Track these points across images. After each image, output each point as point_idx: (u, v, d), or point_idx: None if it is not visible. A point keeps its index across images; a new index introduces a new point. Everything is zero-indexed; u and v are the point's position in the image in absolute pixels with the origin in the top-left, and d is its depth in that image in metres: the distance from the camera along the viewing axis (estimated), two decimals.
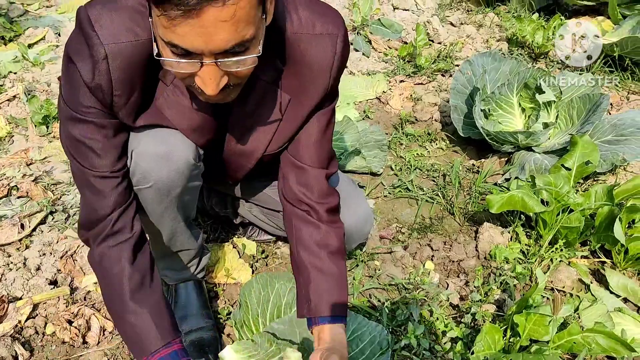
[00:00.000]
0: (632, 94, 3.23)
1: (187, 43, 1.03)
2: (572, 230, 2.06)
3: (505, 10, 4.50)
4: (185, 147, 1.44)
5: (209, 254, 1.91)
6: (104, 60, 1.20)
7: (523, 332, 1.68)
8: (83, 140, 1.31)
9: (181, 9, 0.96)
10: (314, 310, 1.45)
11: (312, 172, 1.50)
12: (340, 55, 1.36)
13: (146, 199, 1.47)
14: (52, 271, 2.14)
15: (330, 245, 1.51)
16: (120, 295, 1.37)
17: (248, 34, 1.05)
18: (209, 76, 1.10)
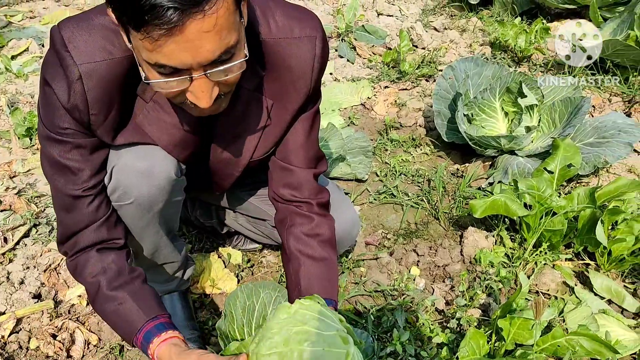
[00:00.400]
0: (613, 96, 3.26)
1: (175, 60, 1.03)
2: (555, 233, 2.07)
3: (488, 14, 4.53)
4: (167, 162, 1.43)
5: (193, 265, 1.90)
6: (78, 81, 1.21)
7: (507, 337, 1.68)
8: (59, 161, 1.32)
9: (164, 28, 0.96)
10: (304, 294, 1.45)
11: (301, 174, 1.53)
12: (320, 57, 1.37)
13: (127, 215, 1.46)
14: (35, 285, 2.13)
15: (322, 234, 1.53)
16: (98, 291, 1.39)
17: (232, 40, 1.06)
18: (201, 89, 1.11)
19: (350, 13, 4.06)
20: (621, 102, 3.21)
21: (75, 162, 1.33)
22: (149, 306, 1.38)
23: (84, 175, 1.35)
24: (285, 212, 1.58)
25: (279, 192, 1.57)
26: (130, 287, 1.41)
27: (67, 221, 1.41)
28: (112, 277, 1.40)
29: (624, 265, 2.07)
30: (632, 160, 2.71)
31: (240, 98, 1.38)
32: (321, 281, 1.49)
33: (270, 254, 2.24)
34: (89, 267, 1.41)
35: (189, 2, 0.95)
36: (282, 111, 1.43)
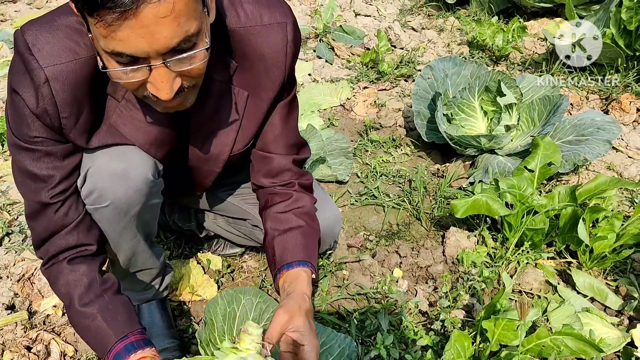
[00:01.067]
0: (591, 94, 3.28)
1: (131, 47, 1.00)
2: (537, 232, 2.06)
3: (465, 14, 4.54)
4: (144, 164, 1.40)
5: (172, 272, 1.86)
6: (45, 84, 1.18)
7: (492, 338, 1.66)
8: (29, 169, 1.29)
9: (117, 11, 0.93)
10: (279, 262, 1.45)
11: (281, 160, 1.52)
12: (292, 43, 1.35)
13: (103, 218, 1.42)
14: (9, 295, 2.06)
15: (300, 207, 1.52)
16: (70, 306, 1.38)
17: (192, 28, 1.03)
18: (160, 79, 1.07)
19: (327, 13, 4.03)
20: (598, 99, 3.23)
21: (45, 169, 1.30)
22: (120, 323, 1.36)
23: (53, 181, 1.32)
24: (265, 196, 1.57)
25: (260, 182, 1.56)
26: (101, 301, 1.38)
27: (37, 228, 1.39)
28: (83, 292, 1.37)
29: (605, 263, 2.07)
30: (610, 157, 2.72)
31: (213, 91, 1.35)
32: (296, 247, 1.47)
33: (251, 259, 2.20)
34: (61, 279, 1.39)
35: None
36: (258, 101, 1.41)
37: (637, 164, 2.69)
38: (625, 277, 2.07)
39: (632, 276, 2.06)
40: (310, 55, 3.87)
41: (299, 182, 1.56)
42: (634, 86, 3.16)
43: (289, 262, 1.45)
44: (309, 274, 1.44)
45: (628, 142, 2.84)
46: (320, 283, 2.06)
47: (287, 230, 1.51)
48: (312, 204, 1.58)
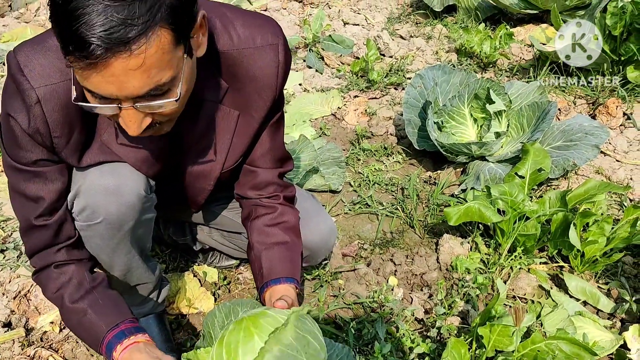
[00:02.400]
0: (578, 99, 3.32)
1: (101, 90, 1.03)
2: (529, 237, 2.10)
3: (452, 21, 4.59)
4: (136, 179, 1.41)
5: (168, 285, 1.87)
6: (37, 104, 1.20)
7: (488, 344, 1.69)
8: (21, 189, 1.33)
9: (86, 62, 0.96)
10: (267, 275, 1.50)
11: (266, 174, 1.57)
12: (284, 64, 1.39)
13: (97, 234, 1.44)
14: (5, 312, 2.06)
15: (286, 222, 1.57)
16: (62, 306, 1.43)
17: (164, 78, 1.06)
18: (129, 119, 1.11)
19: (316, 23, 4.06)
20: (586, 104, 3.28)
21: (37, 190, 1.34)
22: (110, 314, 1.41)
23: (44, 204, 1.36)
24: (250, 207, 1.62)
25: (246, 194, 1.61)
26: (91, 297, 1.43)
27: (28, 243, 1.44)
28: (73, 290, 1.43)
29: (597, 267, 2.10)
30: (599, 161, 2.77)
31: (204, 111, 1.38)
32: (283, 262, 1.53)
33: (247, 270, 2.21)
34: (51, 283, 1.44)
35: (114, 41, 0.94)
36: (249, 120, 1.44)
37: (625, 167, 2.73)
38: (617, 280, 2.11)
39: (623, 279, 2.10)
40: (301, 65, 3.89)
41: (284, 195, 1.61)
42: (619, 90, 3.21)
43: (276, 277, 1.51)
44: (295, 290, 1.50)
45: (615, 145, 2.89)
46: (316, 293, 2.07)
47: (273, 244, 1.56)
48: (296, 219, 1.63)
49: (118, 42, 0.94)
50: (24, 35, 4.59)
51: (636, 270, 2.14)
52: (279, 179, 1.60)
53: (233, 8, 1.37)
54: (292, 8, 4.91)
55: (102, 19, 0.92)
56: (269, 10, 4.82)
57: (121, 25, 0.93)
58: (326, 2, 5.01)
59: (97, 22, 0.92)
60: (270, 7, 4.86)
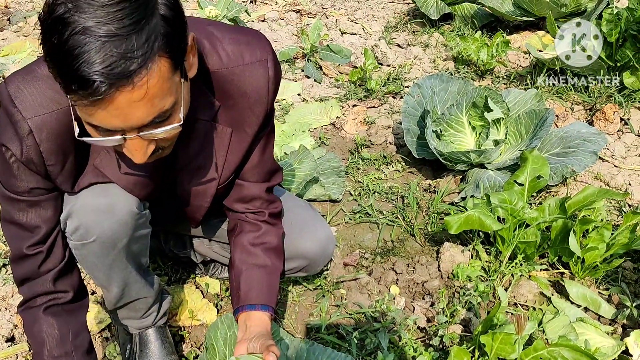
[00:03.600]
0: (575, 105, 3.34)
1: (105, 124, 1.04)
2: (529, 244, 2.11)
3: (449, 29, 4.61)
4: (127, 197, 1.43)
5: (169, 297, 1.87)
6: (29, 135, 1.21)
7: (490, 352, 1.69)
8: (14, 218, 1.35)
9: (89, 100, 0.97)
10: (244, 299, 1.52)
11: (254, 188, 1.57)
12: (274, 78, 1.40)
13: (91, 253, 1.45)
14: (8, 327, 2.07)
15: (267, 242, 1.58)
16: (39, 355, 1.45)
17: (167, 104, 1.07)
18: (134, 148, 1.12)
19: (314, 33, 4.08)
20: (583, 110, 3.29)
21: (33, 219, 1.36)
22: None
23: (41, 232, 1.38)
24: (236, 220, 1.63)
25: (233, 206, 1.62)
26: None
27: (17, 271, 1.45)
28: (53, 346, 1.45)
29: (597, 273, 2.11)
30: (597, 167, 2.78)
31: (197, 130, 1.39)
32: (260, 287, 1.54)
33: None
34: (35, 326, 1.46)
35: (117, 76, 0.95)
36: (242, 136, 1.45)
37: (623, 173, 2.74)
38: (617, 285, 2.11)
39: (624, 285, 2.11)
40: (299, 75, 3.91)
41: (269, 212, 1.61)
42: (616, 96, 3.23)
43: (253, 303, 1.53)
44: (270, 317, 1.53)
45: (613, 151, 2.90)
46: (318, 303, 2.08)
47: (254, 266, 1.57)
48: (279, 239, 1.64)
49: (120, 76, 0.94)
50: (22, 49, 4.61)
51: (636, 276, 2.15)
52: (266, 193, 1.60)
53: (220, 25, 1.39)
54: (290, 18, 4.93)
55: (102, 55, 0.92)
56: (267, 20, 4.85)
57: (121, 59, 0.93)
58: (323, 12, 5.04)
59: (96, 59, 0.92)
60: (268, 17, 4.89)
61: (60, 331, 1.44)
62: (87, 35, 0.91)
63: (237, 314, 1.54)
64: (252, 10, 5.06)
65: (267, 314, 1.51)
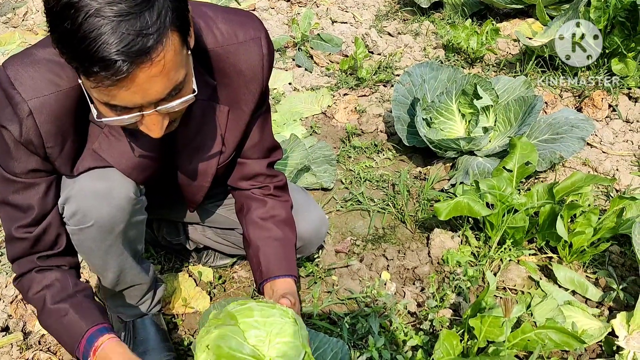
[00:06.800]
0: (564, 92, 3.37)
1: (125, 102, 1.06)
2: (518, 229, 2.14)
3: (439, 17, 4.62)
4: (125, 183, 1.44)
5: (163, 285, 1.89)
6: (29, 117, 1.23)
7: (479, 335, 1.73)
8: (9, 200, 1.36)
9: (112, 79, 0.99)
10: (265, 273, 1.59)
11: (256, 165, 1.63)
12: (268, 55, 1.42)
13: (88, 238, 1.46)
14: (2, 317, 2.08)
15: (277, 215, 1.64)
16: (44, 307, 1.45)
17: (180, 77, 1.10)
18: (152, 123, 1.15)
19: (305, 22, 4.08)
20: (572, 97, 3.32)
21: (27, 200, 1.37)
22: (92, 315, 1.44)
23: (33, 214, 1.39)
24: (242, 199, 1.68)
25: (238, 184, 1.67)
26: (74, 299, 1.45)
27: (10, 250, 1.47)
28: (56, 292, 1.45)
29: (584, 257, 2.15)
30: (585, 153, 2.81)
31: (195, 110, 1.41)
32: (279, 259, 1.60)
33: (242, 269, 2.24)
34: (34, 286, 1.46)
35: (136, 54, 0.97)
36: (239, 114, 1.48)
37: (611, 159, 2.78)
38: (604, 269, 2.15)
39: (610, 268, 2.14)
40: (290, 64, 3.92)
41: (274, 185, 1.67)
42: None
43: (275, 275, 1.59)
44: (294, 281, 1.61)
45: (602, 137, 2.94)
46: (310, 290, 2.11)
47: (269, 239, 1.62)
48: (287, 211, 1.69)
49: (139, 53, 0.97)
50: (12, 40, 4.59)
51: (623, 260, 2.19)
52: (268, 168, 1.65)
53: (213, 6, 1.40)
54: (280, 7, 4.93)
55: (119, 35, 0.94)
56: (258, 9, 4.84)
57: (138, 37, 0.96)
58: (314, 1, 5.03)
59: (114, 39, 0.94)
60: (258, 6, 4.88)
61: (60, 281, 1.46)
62: (101, 17, 0.93)
63: (262, 286, 1.60)
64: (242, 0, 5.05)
65: (290, 279, 1.59)
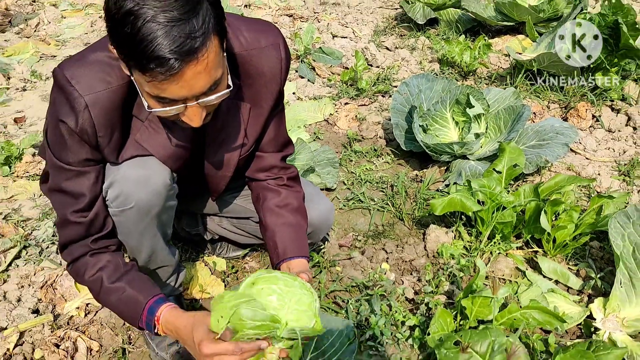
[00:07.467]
0: (551, 103, 3.60)
1: (173, 95, 1.27)
2: (506, 225, 2.34)
3: (435, 33, 4.87)
4: (162, 170, 1.64)
5: (184, 270, 2.08)
6: (85, 110, 1.42)
7: (471, 314, 1.92)
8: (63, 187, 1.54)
9: (166, 75, 1.19)
10: (282, 254, 1.77)
11: (271, 158, 1.83)
12: (285, 59, 1.64)
13: (128, 219, 1.65)
14: (33, 301, 2.25)
15: (290, 204, 1.84)
16: (102, 286, 1.62)
17: (219, 74, 1.31)
18: (194, 114, 1.35)
19: (307, 36, 4.31)
20: (558, 108, 3.55)
21: (79, 187, 1.55)
22: (146, 288, 1.62)
23: (85, 200, 1.56)
24: (259, 190, 1.88)
25: (254, 176, 1.87)
26: (127, 277, 1.63)
27: (63, 235, 1.63)
28: (111, 273, 1.62)
29: (566, 250, 2.35)
30: (570, 159, 3.03)
31: (222, 108, 1.60)
32: (293, 243, 1.79)
33: (252, 260, 2.43)
34: (88, 269, 1.63)
35: (186, 53, 1.18)
36: (259, 111, 1.69)
37: (594, 164, 3.00)
38: (585, 261, 2.36)
39: (590, 260, 2.35)
40: (293, 75, 4.13)
41: (287, 176, 1.88)
42: (589, 95, 3.49)
43: (291, 256, 1.78)
44: (307, 261, 1.80)
45: (585, 145, 3.16)
46: (317, 278, 2.30)
47: (284, 225, 1.81)
48: (300, 200, 1.89)
49: (188, 53, 1.17)
50: (25, 50, 4.79)
51: (602, 254, 2.39)
52: (282, 161, 1.86)
53: (236, 16, 1.62)
54: (283, 22, 5.16)
55: (172, 37, 1.15)
56: None
57: (187, 39, 1.16)
58: (315, 16, 5.27)
59: (168, 41, 1.14)
60: None
61: (112, 262, 1.63)
62: (156, 23, 1.14)
63: (279, 266, 1.79)
64: (247, 14, 5.28)
65: (304, 259, 1.78)
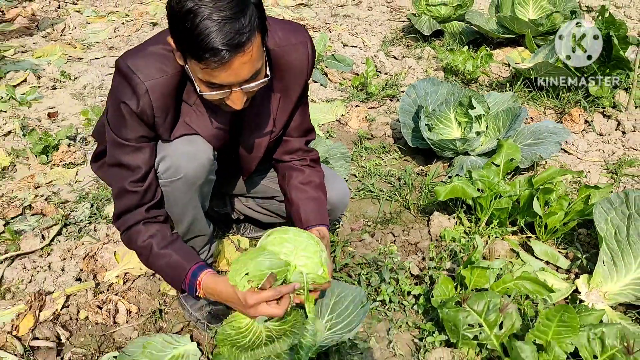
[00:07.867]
0: (548, 109, 3.87)
1: (221, 81, 1.54)
2: (502, 211, 2.60)
3: (439, 44, 5.16)
4: (206, 147, 1.90)
5: (216, 242, 2.34)
6: (146, 94, 1.68)
7: (469, 283, 2.18)
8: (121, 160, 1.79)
9: (219, 63, 1.47)
10: (305, 223, 2.02)
11: (296, 142, 2.10)
12: (312, 55, 1.91)
13: (176, 189, 1.90)
14: (75, 271, 2.50)
15: (313, 181, 2.10)
16: (151, 252, 1.86)
17: (259, 65, 1.58)
18: (237, 98, 1.63)
19: (320, 44, 4.60)
20: (554, 113, 3.82)
21: (136, 161, 1.80)
22: (190, 257, 1.88)
23: (141, 172, 1.81)
24: (285, 169, 2.14)
25: (281, 158, 2.14)
26: (174, 245, 1.88)
27: (119, 205, 1.88)
28: (160, 240, 1.87)
29: (557, 234, 2.61)
30: (563, 159, 3.30)
31: (257, 96, 1.86)
32: (315, 213, 2.04)
33: None
34: (140, 236, 1.87)
35: (235, 46, 1.45)
36: (287, 100, 1.96)
37: (585, 164, 3.26)
38: (573, 245, 2.61)
39: (578, 244, 2.60)
40: None
41: (310, 158, 2.14)
42: (582, 102, 3.76)
43: (312, 224, 2.03)
44: (326, 229, 2.04)
45: (577, 146, 3.43)
46: (332, 254, 2.55)
47: (307, 199, 2.07)
48: (321, 178, 2.15)
49: (237, 46, 1.44)
50: (53, 52, 5.09)
51: (589, 240, 2.64)
52: (306, 145, 2.12)
53: (271, 18, 1.87)
54: None
55: (224, 33, 1.41)
56: None
57: (236, 34, 1.43)
58: (327, 27, 5.57)
59: (220, 36, 1.41)
60: None
61: (161, 232, 1.88)
62: (212, 20, 1.41)
63: None
64: None
65: (324, 227, 2.02)
